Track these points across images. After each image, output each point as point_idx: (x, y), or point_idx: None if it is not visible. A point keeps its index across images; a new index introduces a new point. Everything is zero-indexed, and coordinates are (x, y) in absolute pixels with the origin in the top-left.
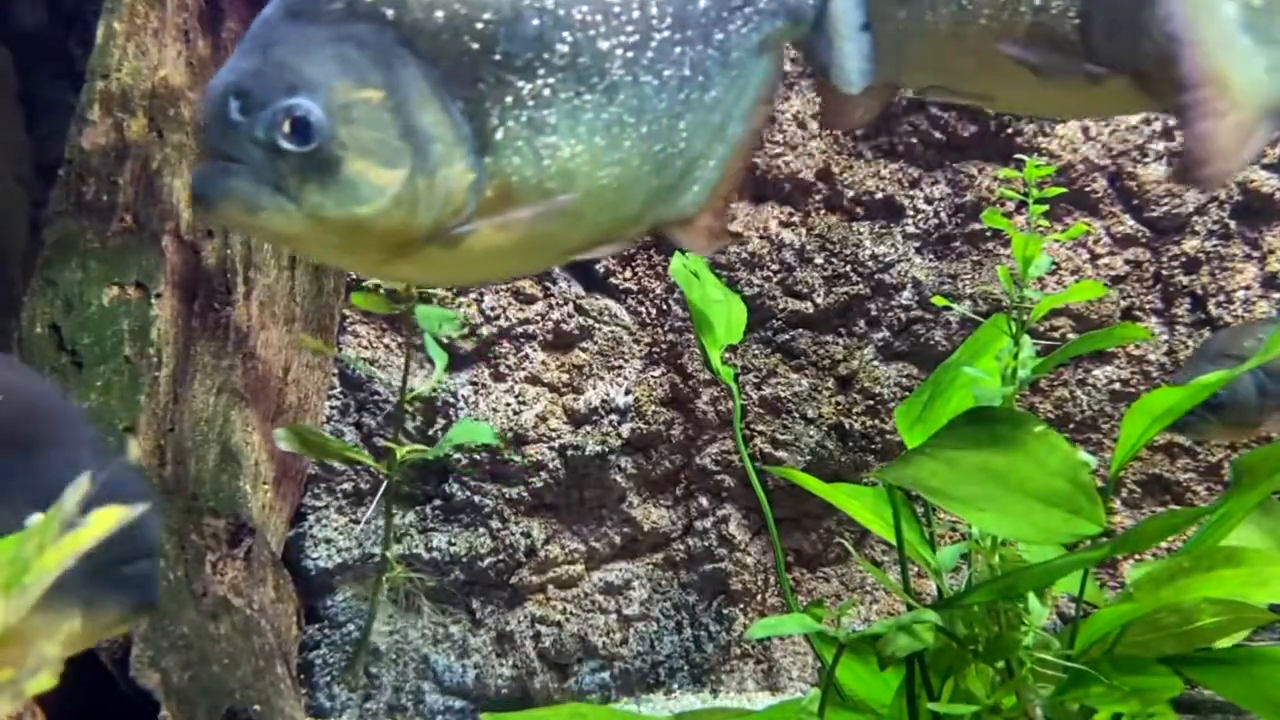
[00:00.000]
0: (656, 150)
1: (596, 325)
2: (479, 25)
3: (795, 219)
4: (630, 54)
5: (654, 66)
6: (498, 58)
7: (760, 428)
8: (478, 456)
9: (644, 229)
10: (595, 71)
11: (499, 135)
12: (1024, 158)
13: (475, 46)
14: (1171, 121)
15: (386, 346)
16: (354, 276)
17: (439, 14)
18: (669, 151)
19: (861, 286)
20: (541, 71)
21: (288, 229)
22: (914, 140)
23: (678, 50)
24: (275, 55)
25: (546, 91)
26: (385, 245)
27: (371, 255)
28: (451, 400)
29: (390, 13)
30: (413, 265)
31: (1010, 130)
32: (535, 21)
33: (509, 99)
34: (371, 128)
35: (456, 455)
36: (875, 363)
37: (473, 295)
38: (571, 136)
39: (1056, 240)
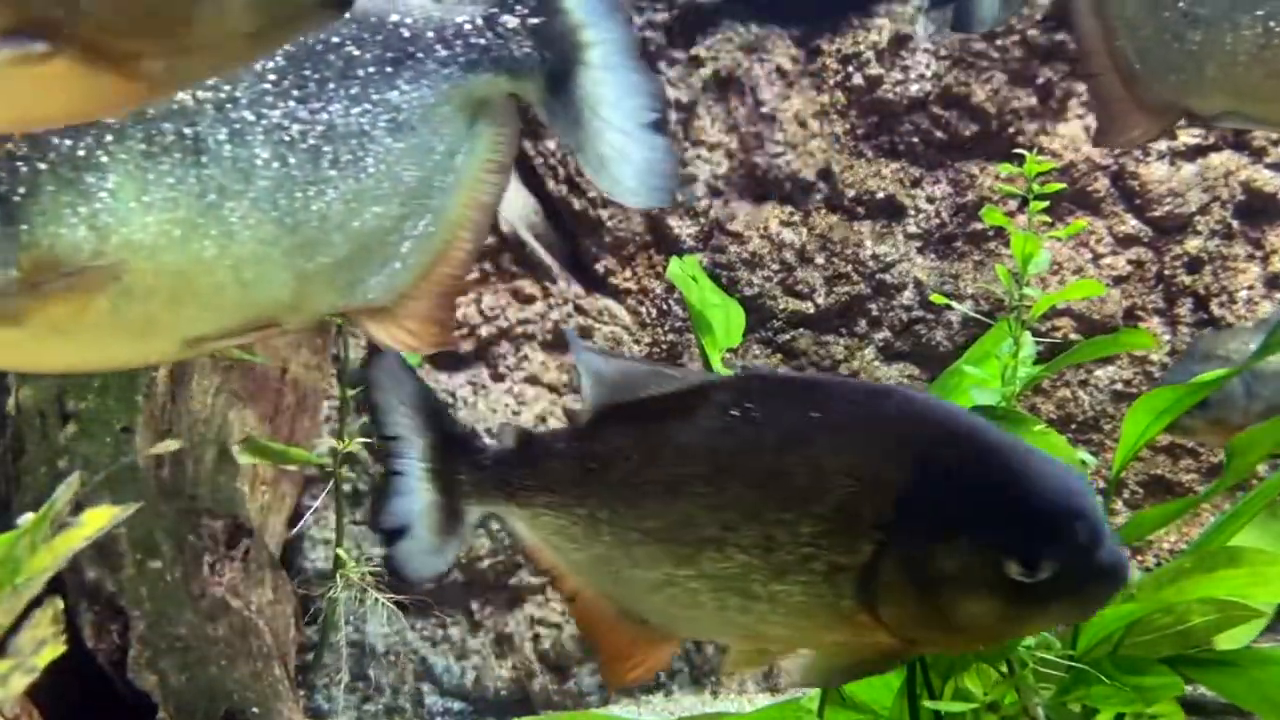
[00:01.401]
0: (291, 224)
1: (596, 325)
2: None
3: (796, 219)
4: (224, 113)
5: (263, 127)
6: None
7: None
8: None
9: (315, 314)
10: (170, 133)
11: (33, 202)
12: (1024, 153)
13: None
14: None
15: None
16: None
17: None
18: (314, 227)
19: (862, 286)
20: (90, 132)
21: None
22: (915, 140)
23: (306, 110)
24: None
25: (100, 154)
26: None
27: None
28: (450, 401)
29: None
30: None
31: (1012, 129)
32: None
33: (46, 161)
34: None
35: None
36: (876, 363)
37: (472, 295)
38: (137, 205)
39: (1057, 239)
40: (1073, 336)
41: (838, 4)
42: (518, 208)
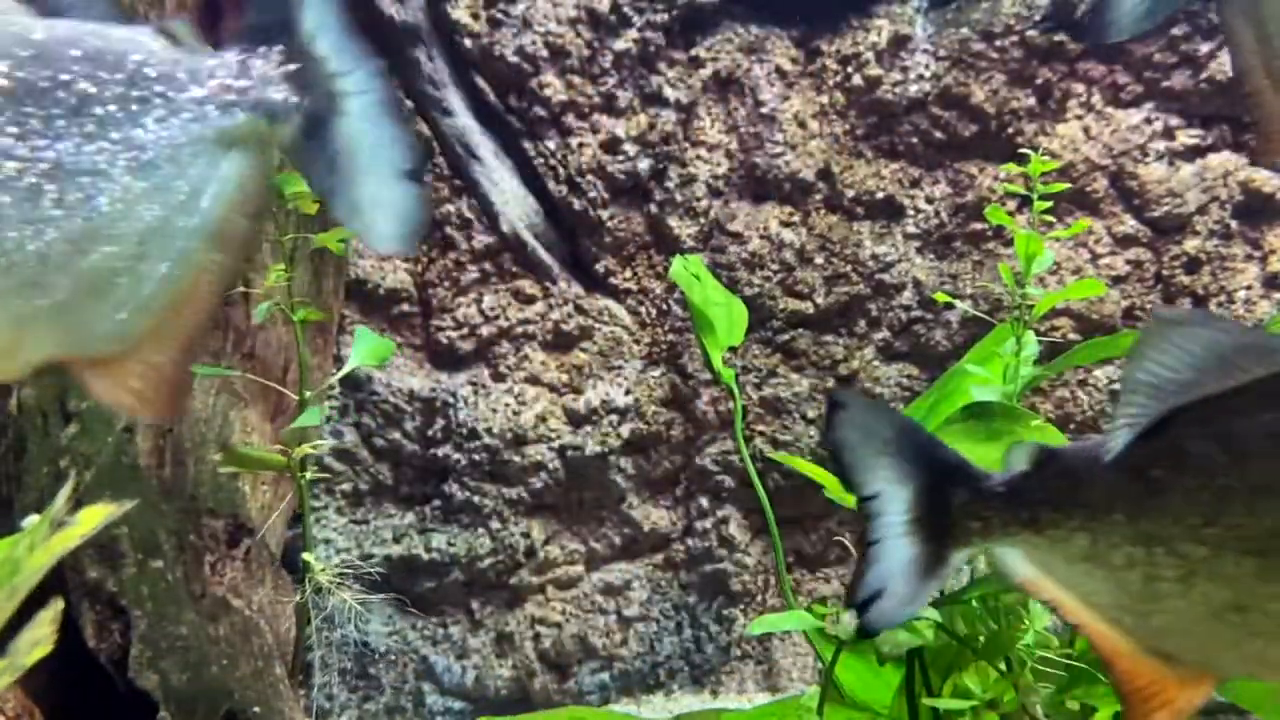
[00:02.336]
0: (4, 265)
1: (596, 325)
2: None
3: (795, 219)
4: None
5: None
6: None
7: (760, 428)
8: (477, 457)
9: (29, 363)
10: None
11: None
12: (1029, 152)
13: None
14: (1173, 121)
15: None
16: (353, 276)
17: None
18: (31, 268)
19: (862, 286)
20: None
21: None
22: (914, 140)
23: (25, 147)
24: None
25: None
26: None
27: None
28: (450, 400)
29: None
30: None
31: (1011, 130)
32: None
33: None
34: None
35: (456, 456)
36: (876, 363)
37: (472, 295)
38: None
39: (1057, 239)
40: (1072, 336)
41: (837, 4)
42: (518, 208)
